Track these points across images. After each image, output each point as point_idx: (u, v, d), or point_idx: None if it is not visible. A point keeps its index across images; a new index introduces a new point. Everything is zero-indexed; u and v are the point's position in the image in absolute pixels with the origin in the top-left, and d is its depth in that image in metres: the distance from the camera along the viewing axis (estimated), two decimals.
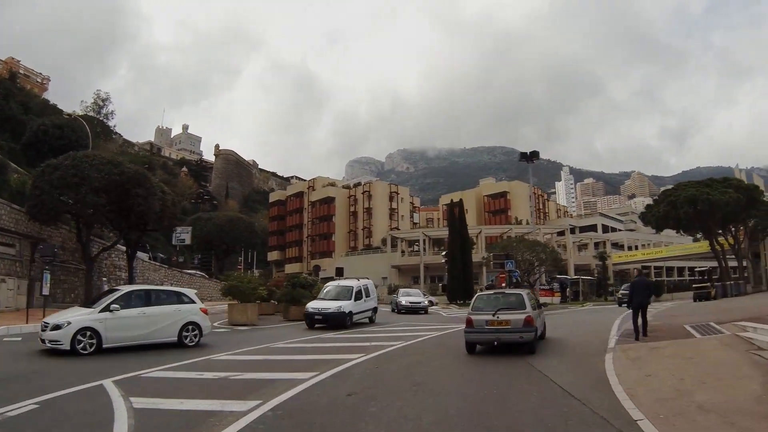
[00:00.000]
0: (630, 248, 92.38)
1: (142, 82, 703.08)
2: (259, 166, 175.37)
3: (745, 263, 60.09)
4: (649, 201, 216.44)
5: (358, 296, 26.01)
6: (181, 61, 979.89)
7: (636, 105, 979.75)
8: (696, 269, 53.87)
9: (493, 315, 14.19)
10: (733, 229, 57.62)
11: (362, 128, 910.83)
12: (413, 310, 36.61)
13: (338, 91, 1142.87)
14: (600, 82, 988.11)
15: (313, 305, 24.82)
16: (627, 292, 45.35)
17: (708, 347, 13.74)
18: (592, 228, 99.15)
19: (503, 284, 43.96)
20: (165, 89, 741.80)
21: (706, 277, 46.59)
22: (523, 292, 15.50)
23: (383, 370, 12.52)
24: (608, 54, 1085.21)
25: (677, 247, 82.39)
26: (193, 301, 17.11)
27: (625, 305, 42.55)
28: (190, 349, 16.08)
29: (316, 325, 23.74)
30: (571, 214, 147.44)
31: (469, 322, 14.60)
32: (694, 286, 45.52)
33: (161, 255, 71.64)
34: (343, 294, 25.72)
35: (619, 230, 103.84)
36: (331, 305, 24.35)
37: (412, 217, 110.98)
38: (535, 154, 51.48)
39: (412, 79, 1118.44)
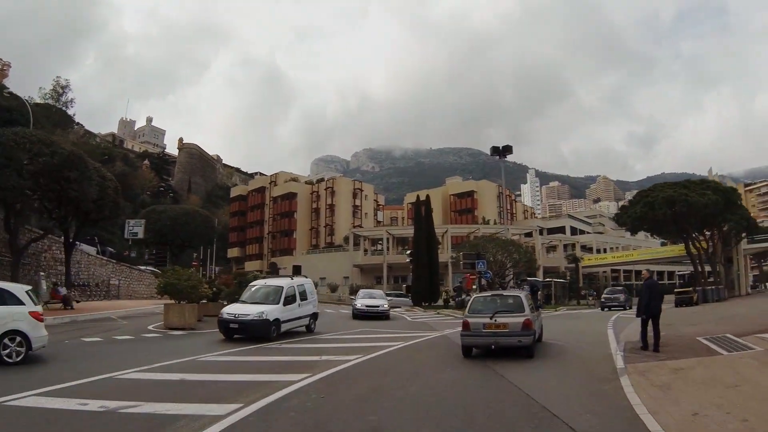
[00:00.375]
0: (599, 251, 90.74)
1: (109, 73, 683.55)
2: (224, 162, 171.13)
3: (717, 268, 58.25)
4: (614, 205, 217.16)
5: (290, 300, 20.23)
6: (149, 52, 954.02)
7: (604, 110, 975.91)
8: (676, 273, 51.37)
9: (491, 318, 13.70)
10: (707, 233, 55.78)
11: (329, 126, 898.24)
12: (371, 314, 31.04)
13: (306, 88, 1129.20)
14: (569, 86, 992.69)
15: (229, 310, 19.26)
16: (610, 296, 44.28)
17: (747, 369, 10.86)
18: (560, 230, 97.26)
19: (473, 286, 40.99)
20: (132, 81, 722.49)
21: (686, 281, 43.99)
22: (522, 295, 15.14)
23: (331, 402, 8.97)
24: (578, 59, 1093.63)
25: (649, 250, 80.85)
26: (20, 302, 12.67)
27: (614, 309, 40.82)
28: (10, 368, 11.75)
29: (235, 336, 18.33)
30: (537, 216, 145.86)
31: (466, 326, 14.08)
32: (676, 291, 43.01)
33: (110, 249, 67.53)
34: (270, 296, 19.96)
35: (587, 233, 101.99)
36: (252, 310, 18.53)
37: (376, 215, 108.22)
38: (507, 149, 48.39)
39: (380, 78, 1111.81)
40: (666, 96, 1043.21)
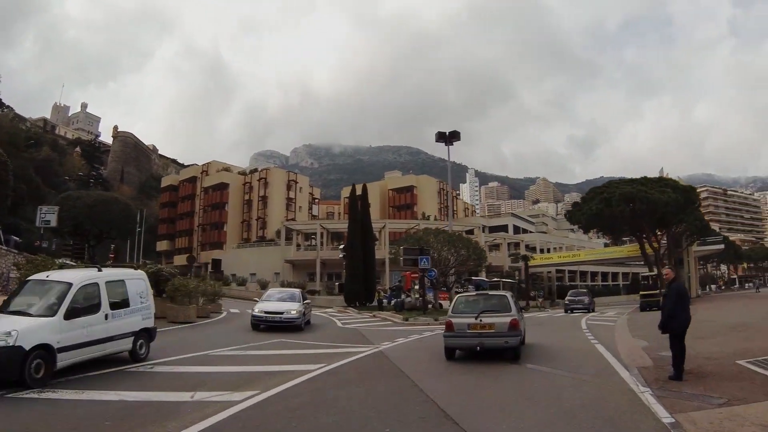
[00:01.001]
0: (542, 251, 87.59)
1: (48, 56, 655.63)
2: (160, 152, 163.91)
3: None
4: (553, 207, 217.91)
5: (83, 308, 11.09)
6: (91, 38, 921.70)
7: (546, 113, 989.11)
8: (641, 274, 47.57)
9: (476, 318, 13.12)
10: (659, 233, 52.65)
11: (270, 121, 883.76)
12: (274, 324, 21.60)
13: (249, 81, 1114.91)
14: (512, 88, 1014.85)
15: None
16: (574, 298, 40.28)
17: None
18: (503, 228, 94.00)
19: (414, 285, 35.89)
20: (72, 66, 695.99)
21: (650, 283, 40.10)
22: (508, 294, 14.60)
23: None
24: (523, 62, 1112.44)
25: (597, 250, 78.17)
26: None
27: (578, 311, 38.23)
28: None
29: None
30: (477, 214, 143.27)
31: (450, 326, 13.46)
32: (642, 293, 38.88)
33: (15, 238, 59.90)
34: (44, 302, 10.89)
35: (531, 232, 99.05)
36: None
37: (311, 209, 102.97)
38: (455, 135, 43.84)
39: (323, 74, 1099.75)
40: (608, 102, 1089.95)
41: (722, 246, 69.02)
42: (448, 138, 43.67)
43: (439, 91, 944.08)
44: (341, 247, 49.51)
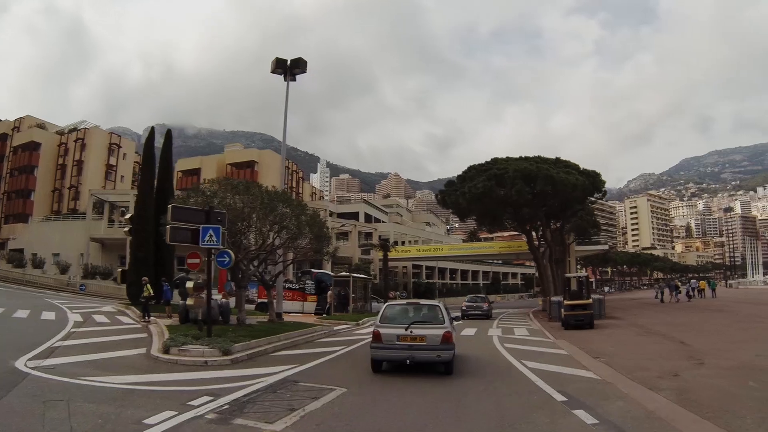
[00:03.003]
0: (397, 243, 76.45)
1: None
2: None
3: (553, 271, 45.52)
4: (404, 202, 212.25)
5: None
6: None
7: (406, 110, 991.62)
8: (566, 275, 34.81)
9: (406, 329, 12.17)
10: (552, 225, 42.67)
11: (127, 95, 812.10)
12: None
13: (109, 49, 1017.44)
14: (376, 82, 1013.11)
15: None
16: (472, 304, 35.84)
17: None
18: (354, 216, 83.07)
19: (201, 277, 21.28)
20: None
21: (577, 288, 27.22)
22: (440, 304, 13.64)
23: None
24: (390, 56, 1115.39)
25: (466, 245, 68.68)
26: None
27: (475, 318, 33.31)
28: None
29: None
30: (326, 199, 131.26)
31: (377, 337, 12.39)
32: (568, 303, 25.17)
33: None
34: None
35: (384, 222, 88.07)
36: None
37: (137, 179, 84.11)
38: (298, 64, 30.45)
39: (187, 50, 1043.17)
40: (470, 104, 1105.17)
41: (606, 247, 61.17)
42: (290, 69, 30.40)
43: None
44: (125, 218, 33.52)
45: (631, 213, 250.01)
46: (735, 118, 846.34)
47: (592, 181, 37.47)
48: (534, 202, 34.81)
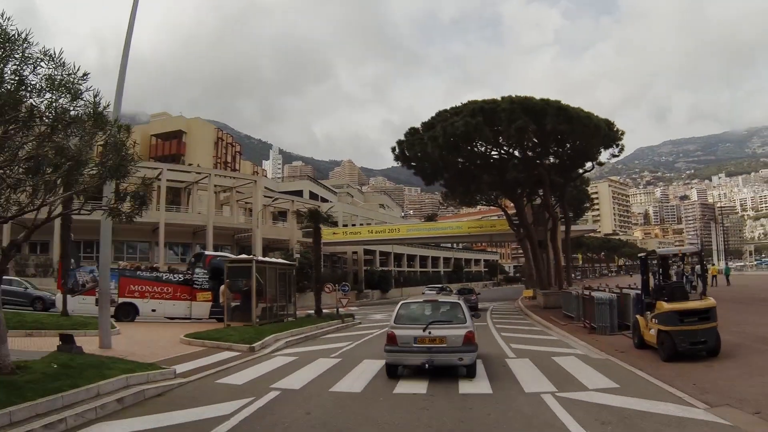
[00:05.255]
0: (346, 226, 65.84)
1: None
2: None
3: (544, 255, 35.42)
4: (357, 190, 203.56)
5: None
6: None
7: (364, 97, 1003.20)
8: (664, 253, 23.06)
9: (424, 330, 10.64)
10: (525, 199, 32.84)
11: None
12: None
13: (61, 31, 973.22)
14: (332, 68, 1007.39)
15: None
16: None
17: None
18: (298, 195, 71.44)
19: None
20: None
21: (687, 280, 14.74)
22: (460, 301, 11.84)
23: None
24: (347, 43, 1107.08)
25: (430, 224, 59.11)
26: None
27: None
28: None
29: None
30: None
31: (392, 339, 10.88)
32: (668, 308, 11.94)
33: None
34: None
35: (331, 202, 77.63)
36: None
37: None
38: None
39: (143, 31, 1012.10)
40: (429, 91, 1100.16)
41: (596, 228, 51.38)
42: None
43: (256, 63, 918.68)
44: None
45: (593, 198, 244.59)
46: (690, 109, 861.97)
47: (609, 129, 26.98)
48: (539, 151, 24.13)
